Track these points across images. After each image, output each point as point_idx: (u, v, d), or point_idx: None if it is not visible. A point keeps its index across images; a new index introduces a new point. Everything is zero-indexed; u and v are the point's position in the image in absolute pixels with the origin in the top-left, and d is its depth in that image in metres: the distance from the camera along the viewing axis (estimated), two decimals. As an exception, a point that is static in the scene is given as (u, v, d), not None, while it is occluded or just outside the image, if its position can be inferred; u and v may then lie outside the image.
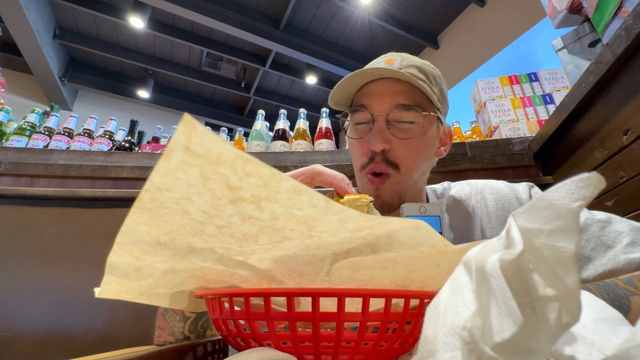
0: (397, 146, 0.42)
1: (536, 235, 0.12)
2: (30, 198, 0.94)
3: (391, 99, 0.43)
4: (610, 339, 0.15)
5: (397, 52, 0.47)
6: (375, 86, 0.44)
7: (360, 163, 0.45)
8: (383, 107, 0.43)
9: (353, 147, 0.47)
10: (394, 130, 0.43)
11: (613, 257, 0.34)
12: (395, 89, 0.43)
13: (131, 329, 0.85)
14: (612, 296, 0.26)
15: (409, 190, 0.45)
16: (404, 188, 0.44)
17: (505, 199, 0.46)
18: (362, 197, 0.27)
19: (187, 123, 0.13)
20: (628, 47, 0.52)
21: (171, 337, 0.36)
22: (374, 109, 0.43)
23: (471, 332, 0.12)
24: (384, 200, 0.44)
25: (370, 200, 0.27)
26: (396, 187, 0.43)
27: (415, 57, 0.46)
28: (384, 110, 0.42)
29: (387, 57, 0.45)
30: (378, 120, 0.43)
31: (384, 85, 0.44)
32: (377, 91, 0.43)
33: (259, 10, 3.12)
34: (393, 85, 0.43)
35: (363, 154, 0.44)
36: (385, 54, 0.47)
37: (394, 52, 0.47)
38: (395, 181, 0.43)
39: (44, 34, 3.01)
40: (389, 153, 0.42)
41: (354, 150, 0.46)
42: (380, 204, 0.44)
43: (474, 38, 3.06)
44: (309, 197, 0.16)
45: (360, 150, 0.44)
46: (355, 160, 0.46)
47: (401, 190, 0.44)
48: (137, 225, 0.18)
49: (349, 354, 0.20)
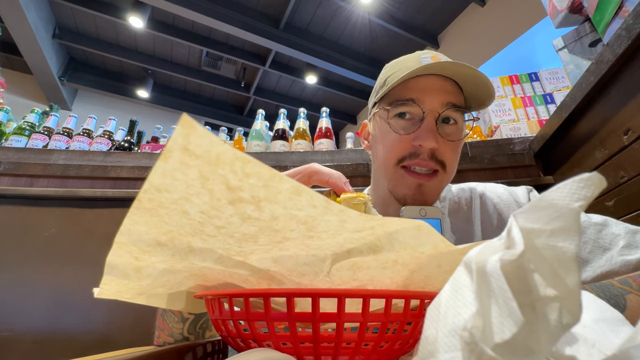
0: (444, 146, 0.42)
1: (537, 236, 0.12)
2: (29, 198, 0.94)
3: (443, 96, 0.42)
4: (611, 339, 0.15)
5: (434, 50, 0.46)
6: (425, 81, 0.42)
7: (397, 157, 0.43)
8: (435, 104, 0.42)
9: (388, 139, 0.44)
10: (441, 131, 0.42)
11: (610, 259, 0.35)
12: (444, 87, 0.42)
13: (131, 329, 0.85)
14: (607, 295, 0.27)
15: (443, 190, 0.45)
16: (443, 187, 0.44)
17: (504, 203, 0.47)
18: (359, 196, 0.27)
19: (186, 124, 0.13)
20: (628, 47, 0.52)
21: (170, 337, 0.36)
22: (426, 105, 0.42)
23: (472, 333, 0.12)
24: (426, 196, 0.42)
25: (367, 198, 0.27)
26: (440, 185, 0.43)
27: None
28: (436, 108, 0.42)
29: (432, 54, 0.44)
30: (429, 117, 0.41)
31: (434, 81, 0.42)
32: (428, 87, 0.42)
33: (259, 9, 3.11)
34: (443, 83, 0.42)
35: (404, 148, 0.42)
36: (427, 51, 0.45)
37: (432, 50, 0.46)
38: (440, 180, 0.42)
39: (44, 34, 3.00)
40: (437, 152, 0.41)
41: (390, 142, 0.43)
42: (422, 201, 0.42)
43: (474, 38, 3.06)
44: (308, 198, 0.16)
45: (401, 144, 0.42)
46: (391, 152, 0.43)
47: (441, 189, 0.43)
48: (136, 225, 0.18)
49: (349, 354, 0.20)
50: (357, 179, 0.97)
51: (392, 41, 3.42)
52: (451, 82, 0.43)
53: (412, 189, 0.42)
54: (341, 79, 3.97)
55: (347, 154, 1.04)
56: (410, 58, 0.44)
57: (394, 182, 0.44)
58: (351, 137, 1.30)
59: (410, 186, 0.42)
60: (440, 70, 0.41)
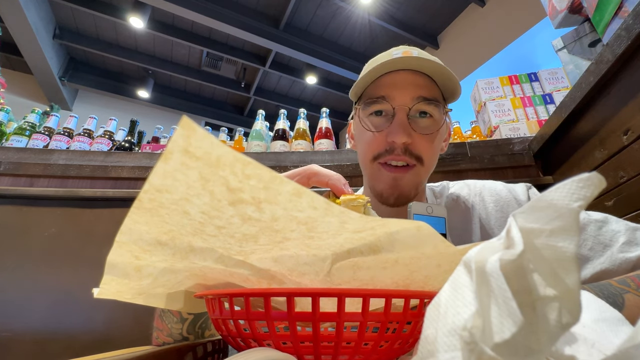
0: (418, 140, 0.42)
1: (536, 236, 0.12)
2: (30, 198, 0.94)
3: (413, 91, 0.42)
4: (611, 339, 0.15)
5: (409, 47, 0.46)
6: (395, 77, 0.43)
7: (373, 154, 0.43)
8: (405, 99, 0.42)
9: (364, 137, 0.45)
10: (415, 125, 0.42)
11: (610, 256, 0.35)
12: (416, 81, 0.42)
13: (131, 329, 0.85)
14: (605, 294, 0.27)
15: (422, 185, 0.45)
16: (421, 180, 0.44)
17: (504, 200, 0.46)
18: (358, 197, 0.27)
19: (186, 125, 0.13)
20: (628, 47, 0.52)
21: (169, 338, 0.35)
22: (396, 101, 0.42)
23: (471, 332, 0.12)
24: (403, 191, 0.43)
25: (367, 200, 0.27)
26: (416, 178, 0.43)
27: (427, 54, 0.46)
28: (406, 103, 0.42)
29: (403, 49, 0.44)
30: (400, 113, 0.42)
31: (405, 76, 0.43)
32: (398, 82, 0.42)
33: (259, 10, 3.11)
34: (414, 78, 0.42)
35: (379, 145, 0.43)
36: (398, 47, 0.46)
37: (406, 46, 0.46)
38: (417, 173, 0.43)
39: (44, 34, 3.00)
40: (411, 146, 0.42)
41: (366, 140, 0.44)
42: (398, 195, 0.43)
43: (474, 38, 3.06)
44: (309, 200, 0.16)
45: (376, 141, 0.43)
46: (367, 150, 0.44)
47: (419, 182, 0.44)
48: (137, 225, 0.18)
49: (349, 354, 0.20)
50: (357, 179, 0.97)
51: (392, 41, 3.41)
52: (423, 76, 0.43)
53: (387, 183, 0.43)
54: (341, 79, 3.97)
55: (347, 154, 1.04)
56: (384, 55, 0.45)
57: (372, 178, 0.45)
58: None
59: (386, 180, 0.43)
60: (405, 64, 0.42)
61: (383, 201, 0.44)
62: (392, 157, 0.42)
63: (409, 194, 0.43)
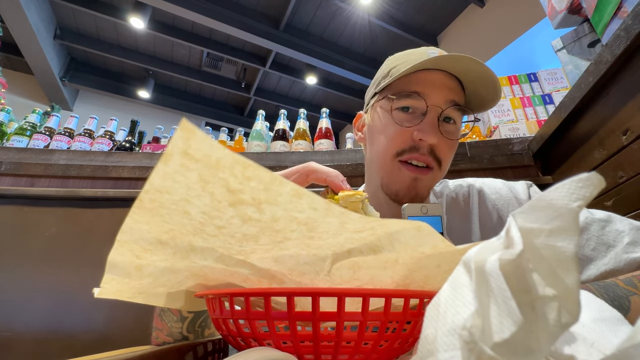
0: (443, 144, 0.42)
1: (536, 235, 0.12)
2: (30, 198, 0.94)
3: (446, 93, 0.41)
4: (610, 339, 0.15)
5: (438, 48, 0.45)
6: (430, 76, 0.42)
7: (397, 149, 0.42)
8: (439, 100, 0.41)
9: (388, 131, 0.43)
10: (442, 128, 0.41)
11: (614, 257, 0.34)
12: (449, 83, 0.42)
13: (131, 329, 0.85)
14: (611, 296, 0.27)
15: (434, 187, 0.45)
16: (435, 183, 0.44)
17: (504, 198, 0.45)
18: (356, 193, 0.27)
19: (185, 128, 0.13)
20: (627, 48, 0.52)
21: (169, 337, 0.35)
22: (431, 100, 0.41)
23: (471, 332, 0.12)
24: (419, 192, 0.42)
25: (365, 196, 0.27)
26: (432, 182, 0.43)
27: None
28: (440, 103, 0.41)
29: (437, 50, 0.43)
30: (432, 112, 0.41)
31: (440, 77, 0.42)
32: (435, 81, 0.41)
33: (259, 10, 3.12)
34: (447, 80, 0.42)
35: (405, 141, 0.41)
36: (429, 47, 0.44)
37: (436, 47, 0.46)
38: (434, 176, 0.42)
39: (45, 34, 3.01)
40: (436, 148, 0.41)
41: (390, 135, 0.42)
42: (414, 196, 0.42)
43: (473, 38, 3.07)
44: (309, 200, 0.16)
45: (402, 137, 0.42)
46: (390, 145, 0.42)
47: (433, 185, 0.44)
48: (138, 225, 0.18)
49: (349, 353, 0.20)
50: (357, 179, 0.97)
51: (391, 42, 3.42)
52: (455, 80, 0.43)
53: (406, 183, 0.41)
54: (341, 80, 3.97)
55: (347, 154, 1.04)
56: (416, 52, 0.44)
57: (389, 176, 0.43)
58: (351, 137, 1.30)
59: (405, 180, 0.41)
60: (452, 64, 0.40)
61: (396, 200, 0.43)
62: (416, 156, 0.41)
63: (424, 195, 0.43)
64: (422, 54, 0.43)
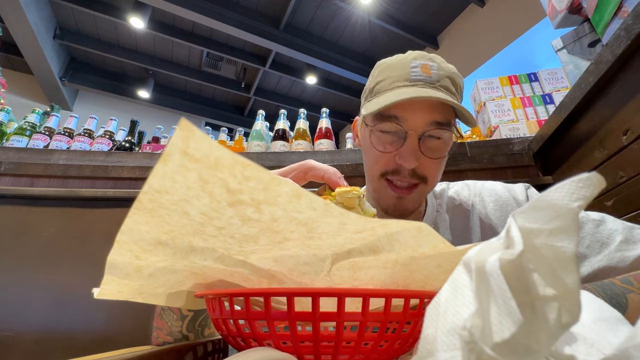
0: (426, 163, 0.42)
1: (536, 235, 0.12)
2: (30, 198, 0.94)
3: (426, 115, 0.41)
4: (610, 339, 0.15)
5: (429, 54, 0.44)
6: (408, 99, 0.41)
7: (381, 171, 0.43)
8: (417, 123, 0.41)
9: (372, 153, 0.44)
10: (425, 149, 0.41)
11: (607, 255, 0.36)
12: (430, 105, 0.41)
13: (131, 329, 0.85)
14: (609, 294, 0.27)
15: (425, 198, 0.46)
16: (425, 195, 0.45)
17: (503, 200, 0.47)
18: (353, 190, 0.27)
19: (184, 127, 0.13)
20: (628, 47, 0.52)
21: (170, 337, 0.36)
22: (408, 124, 0.41)
23: (471, 332, 0.12)
24: (406, 207, 0.44)
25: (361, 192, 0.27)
26: (421, 196, 0.44)
27: (446, 64, 0.44)
28: (419, 127, 0.41)
29: (422, 62, 0.42)
30: (411, 138, 0.41)
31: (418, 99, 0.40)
32: (412, 105, 0.41)
33: (259, 10, 3.12)
34: (429, 101, 0.41)
35: (386, 164, 0.43)
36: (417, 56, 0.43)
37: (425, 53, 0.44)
38: (421, 191, 0.43)
39: (44, 34, 3.01)
40: (418, 168, 0.42)
41: (374, 157, 0.44)
42: (402, 212, 0.44)
43: (473, 38, 3.07)
44: (308, 201, 0.16)
45: (384, 160, 0.43)
46: (374, 166, 0.44)
47: (422, 199, 0.45)
48: (137, 225, 0.18)
49: (349, 353, 0.20)
50: (357, 179, 0.97)
51: (391, 42, 3.42)
52: None
53: (392, 200, 0.44)
54: (341, 80, 3.97)
55: (347, 154, 1.04)
56: (400, 65, 0.42)
57: (378, 193, 0.45)
58: (351, 137, 1.30)
59: (391, 198, 0.44)
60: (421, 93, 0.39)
61: (387, 214, 0.45)
62: (398, 178, 0.42)
63: (413, 209, 0.45)
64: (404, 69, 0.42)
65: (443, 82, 0.41)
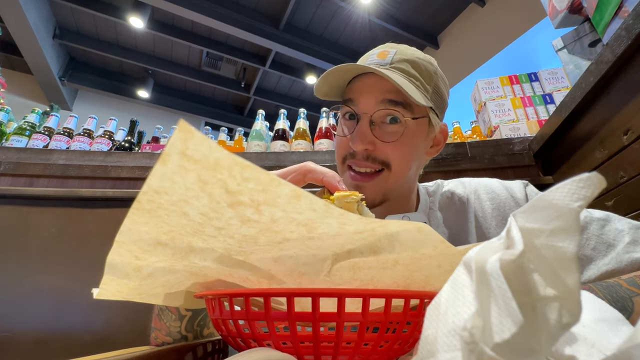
0: (382, 147, 0.41)
1: (537, 236, 0.12)
2: (30, 198, 0.94)
3: (376, 96, 0.41)
4: (611, 339, 0.15)
5: (396, 44, 0.45)
6: (362, 81, 0.42)
7: (341, 156, 0.44)
8: (368, 105, 0.41)
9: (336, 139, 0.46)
10: (378, 132, 0.41)
11: (615, 257, 0.34)
12: (382, 85, 0.41)
13: (131, 329, 0.85)
14: (615, 297, 0.26)
15: (395, 191, 0.43)
16: (390, 187, 0.42)
17: (500, 198, 0.45)
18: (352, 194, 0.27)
19: (183, 128, 0.13)
20: (628, 47, 0.52)
21: (168, 337, 0.35)
22: (359, 107, 0.42)
23: (471, 333, 0.12)
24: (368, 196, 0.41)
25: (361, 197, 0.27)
26: (383, 185, 0.42)
27: (413, 51, 0.44)
28: (368, 109, 0.41)
29: (381, 49, 0.44)
30: (363, 120, 0.41)
31: (371, 80, 0.41)
32: (363, 87, 0.42)
33: (258, 9, 3.11)
34: (381, 82, 0.41)
35: (344, 149, 0.43)
36: (383, 45, 0.45)
37: (392, 44, 0.45)
38: (384, 179, 0.41)
39: (44, 34, 3.00)
40: (374, 152, 0.41)
41: (337, 142, 0.46)
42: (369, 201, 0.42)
43: (474, 38, 3.06)
44: (308, 202, 0.16)
45: (343, 145, 0.44)
46: (337, 152, 0.45)
47: (387, 189, 0.42)
48: (137, 225, 0.18)
49: (349, 354, 0.20)
50: (357, 179, 0.97)
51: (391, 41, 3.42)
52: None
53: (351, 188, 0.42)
54: (341, 79, 3.96)
55: (347, 154, 1.04)
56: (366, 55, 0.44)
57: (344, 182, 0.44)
58: (351, 137, 1.30)
59: (350, 185, 0.42)
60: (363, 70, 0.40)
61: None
62: (354, 162, 0.42)
63: (373, 200, 0.42)
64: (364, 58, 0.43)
65: (399, 64, 0.41)
